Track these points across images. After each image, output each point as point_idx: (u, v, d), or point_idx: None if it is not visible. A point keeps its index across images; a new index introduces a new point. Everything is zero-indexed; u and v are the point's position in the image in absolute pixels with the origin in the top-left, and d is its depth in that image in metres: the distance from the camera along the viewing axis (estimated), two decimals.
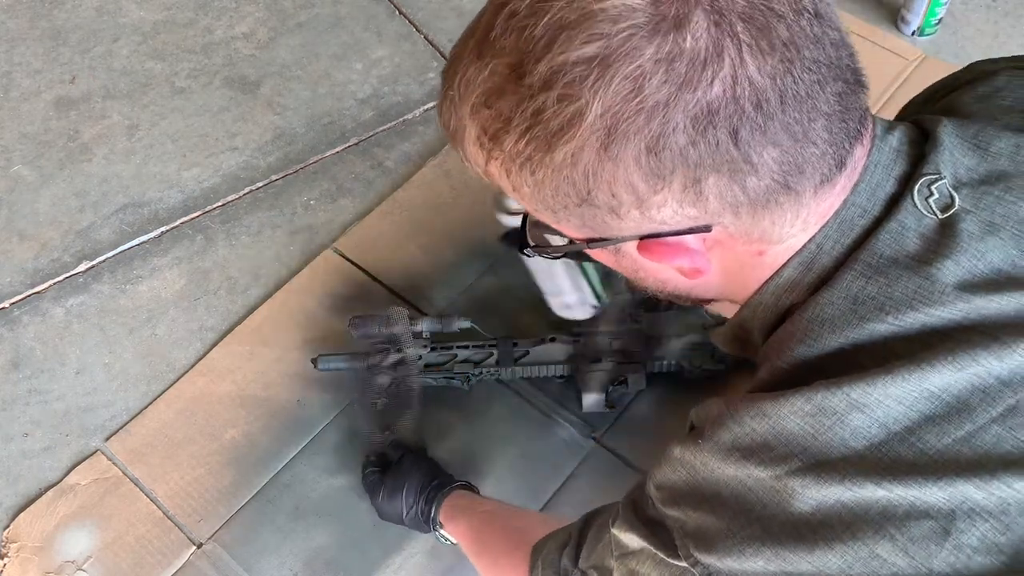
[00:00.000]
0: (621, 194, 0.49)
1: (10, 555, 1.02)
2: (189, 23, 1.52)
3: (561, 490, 1.03)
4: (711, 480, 0.53)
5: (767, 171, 0.48)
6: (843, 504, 0.48)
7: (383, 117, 1.40)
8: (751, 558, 0.50)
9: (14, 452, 1.10)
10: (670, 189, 0.48)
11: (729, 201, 0.49)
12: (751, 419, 0.51)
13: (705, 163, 0.47)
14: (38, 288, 1.24)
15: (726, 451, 0.52)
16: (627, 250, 0.55)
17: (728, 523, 0.51)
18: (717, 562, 0.51)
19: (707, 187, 0.48)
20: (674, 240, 0.52)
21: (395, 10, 1.53)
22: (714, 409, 0.54)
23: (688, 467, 0.54)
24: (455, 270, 1.21)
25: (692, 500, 0.54)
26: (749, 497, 0.51)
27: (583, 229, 0.54)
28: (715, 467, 0.52)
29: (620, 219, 0.51)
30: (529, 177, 0.50)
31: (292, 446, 1.08)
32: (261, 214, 1.30)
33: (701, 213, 0.50)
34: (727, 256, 0.55)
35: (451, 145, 0.56)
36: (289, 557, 1.01)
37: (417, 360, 1.06)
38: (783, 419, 0.50)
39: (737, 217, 0.50)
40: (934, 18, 1.42)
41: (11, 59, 1.48)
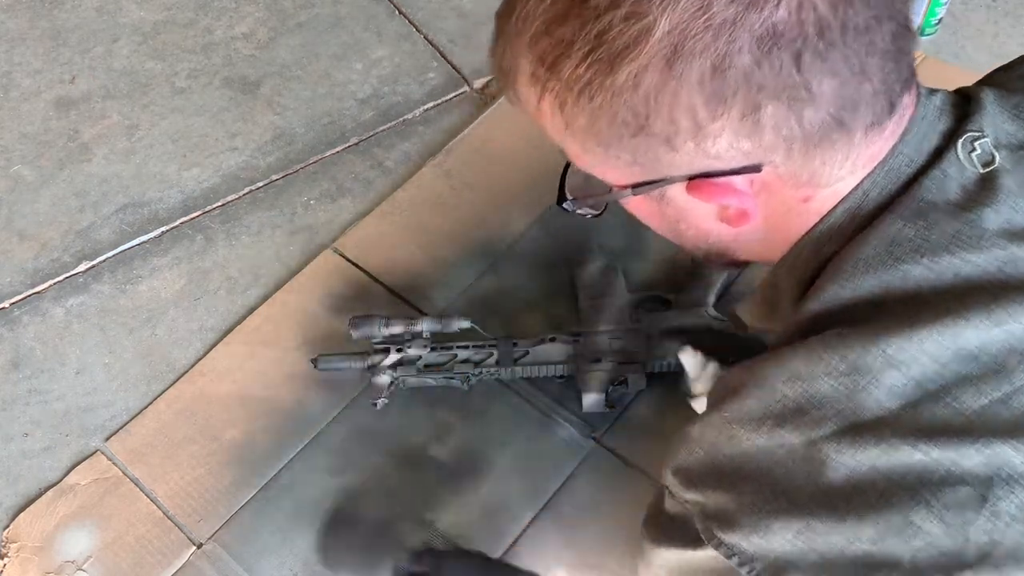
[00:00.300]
0: (680, 119, 0.48)
1: (10, 555, 1.02)
2: (189, 23, 1.52)
3: (561, 490, 1.03)
4: (733, 455, 0.51)
5: (824, 103, 0.48)
6: (877, 470, 0.47)
7: (383, 117, 1.40)
8: (778, 532, 0.48)
9: (14, 452, 1.10)
10: (729, 116, 0.48)
11: (784, 135, 0.48)
12: (783, 384, 0.50)
13: (767, 87, 0.47)
14: (38, 288, 1.24)
15: (756, 420, 0.50)
16: (672, 195, 0.54)
17: (752, 498, 0.50)
18: (742, 540, 0.50)
19: (765, 116, 0.48)
20: (723, 180, 0.52)
21: (395, 10, 1.53)
22: (735, 378, 0.52)
23: (708, 445, 0.53)
24: (455, 270, 1.21)
25: (711, 480, 0.52)
26: (775, 470, 0.49)
27: (632, 168, 0.53)
28: (742, 439, 0.51)
29: (674, 151, 0.50)
30: (587, 105, 0.50)
31: (292, 446, 1.08)
32: (261, 214, 1.30)
33: (755, 147, 0.49)
34: (773, 202, 0.54)
35: (502, 87, 0.57)
36: (289, 557, 1.01)
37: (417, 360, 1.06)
38: (817, 380, 0.49)
39: (789, 156, 0.50)
40: (934, 18, 1.42)
41: (11, 59, 1.48)
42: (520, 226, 1.24)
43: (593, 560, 0.98)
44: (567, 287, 1.17)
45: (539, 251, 1.22)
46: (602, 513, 1.01)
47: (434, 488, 1.04)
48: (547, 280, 1.19)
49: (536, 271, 1.20)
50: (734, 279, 1.16)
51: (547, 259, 1.21)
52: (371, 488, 1.04)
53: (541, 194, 1.27)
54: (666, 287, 1.14)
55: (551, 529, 1.00)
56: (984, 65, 1.35)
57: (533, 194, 1.27)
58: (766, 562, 0.49)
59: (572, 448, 1.06)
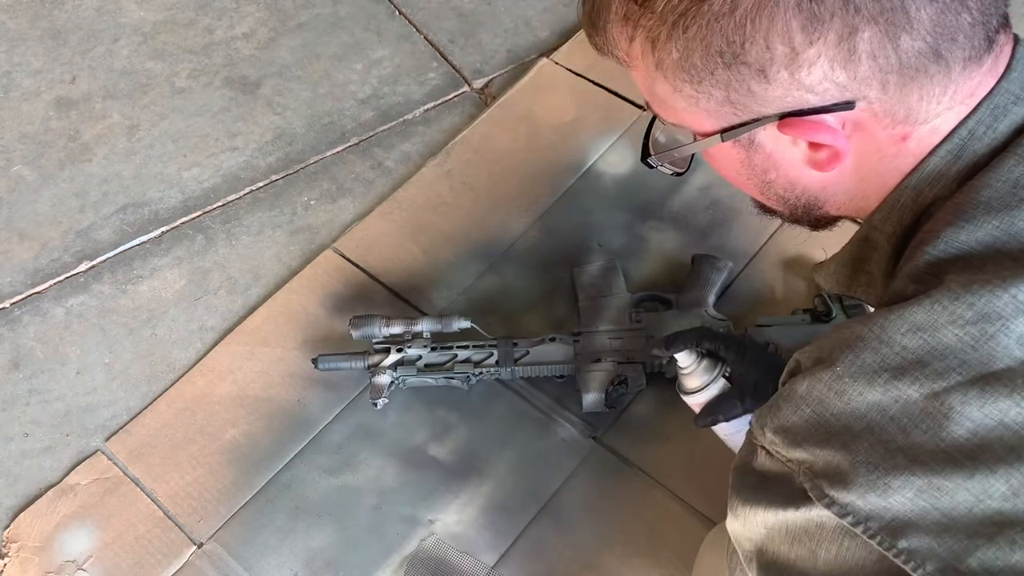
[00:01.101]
0: (776, 45, 0.47)
1: (10, 555, 1.02)
2: (189, 23, 1.52)
3: (561, 490, 1.03)
4: (843, 412, 0.48)
5: (922, 30, 0.46)
6: (1006, 424, 0.44)
7: (383, 117, 1.40)
8: (897, 491, 0.46)
9: (14, 452, 1.10)
10: (825, 41, 0.47)
11: (880, 64, 0.47)
12: (902, 336, 0.47)
13: (865, 9, 0.46)
14: (38, 288, 1.24)
15: (872, 373, 0.47)
16: (763, 140, 0.53)
17: (866, 456, 0.47)
18: (858, 500, 0.47)
19: (861, 42, 0.46)
20: (816, 118, 0.50)
21: (395, 10, 1.53)
22: (849, 332, 0.49)
23: (816, 402, 0.49)
24: (455, 270, 1.21)
25: (819, 437, 0.49)
26: (888, 427, 0.47)
27: (723, 109, 0.52)
28: (855, 395, 0.48)
29: (768, 83, 0.49)
30: (680, 36, 0.49)
31: (292, 446, 1.08)
32: (261, 214, 1.30)
33: (850, 79, 0.48)
34: (867, 143, 0.52)
35: (588, 34, 0.55)
36: (289, 557, 1.01)
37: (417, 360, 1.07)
38: (940, 330, 0.46)
39: (884, 90, 0.49)
40: None
41: (11, 59, 1.48)
42: (520, 226, 1.24)
43: (593, 560, 0.98)
44: (567, 287, 1.17)
45: (539, 251, 1.22)
46: (602, 513, 1.01)
47: (434, 488, 1.04)
48: (547, 280, 1.19)
49: (536, 271, 1.20)
50: (734, 279, 1.16)
51: (547, 259, 1.21)
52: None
53: (541, 194, 1.27)
54: (666, 287, 1.14)
55: (551, 529, 1.01)
56: None
57: (533, 194, 1.27)
58: (883, 521, 0.46)
59: (572, 448, 1.06)
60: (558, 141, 1.33)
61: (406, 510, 1.03)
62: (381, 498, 1.04)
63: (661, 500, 1.01)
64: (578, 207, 1.25)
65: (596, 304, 1.12)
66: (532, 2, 1.52)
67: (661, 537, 0.99)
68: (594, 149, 1.31)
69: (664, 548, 0.98)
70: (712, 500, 1.00)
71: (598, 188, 1.27)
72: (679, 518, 1.00)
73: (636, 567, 0.98)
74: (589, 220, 1.24)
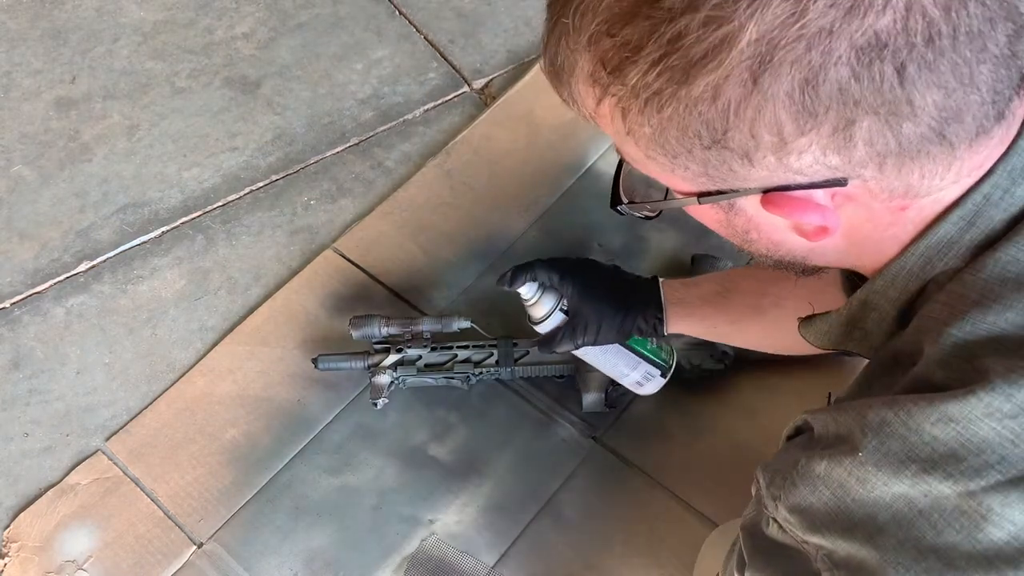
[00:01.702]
0: (762, 135, 0.44)
1: (11, 555, 1.02)
2: (189, 23, 1.52)
3: (561, 490, 1.03)
4: (866, 501, 0.45)
5: (926, 117, 0.42)
6: None
7: (383, 117, 1.40)
8: None
9: (14, 452, 1.10)
10: (818, 132, 0.43)
11: (878, 150, 0.44)
12: (932, 425, 0.43)
13: (864, 102, 0.42)
14: (38, 288, 1.24)
15: (898, 464, 0.44)
16: (743, 206, 0.50)
17: (895, 555, 0.44)
18: None
19: (859, 131, 0.43)
20: (802, 194, 0.46)
21: (395, 10, 1.53)
22: (873, 413, 0.46)
23: (836, 486, 0.46)
24: (455, 270, 1.21)
25: (840, 526, 0.46)
26: (917, 522, 0.43)
27: (700, 179, 0.48)
28: (879, 484, 0.45)
29: (751, 166, 0.46)
30: (654, 115, 0.45)
31: (292, 446, 1.08)
32: (261, 214, 1.30)
33: (844, 162, 0.44)
34: (859, 214, 0.48)
35: (553, 85, 0.51)
36: (289, 557, 1.01)
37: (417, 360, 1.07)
38: (975, 423, 0.42)
39: (881, 170, 0.45)
40: None
41: (11, 59, 1.48)
42: (520, 226, 1.24)
43: (593, 560, 0.98)
44: None
45: (539, 251, 1.22)
46: (602, 513, 1.01)
47: (434, 488, 1.04)
48: None
49: None
50: None
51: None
52: None
53: (541, 194, 1.27)
54: None
55: (551, 529, 1.01)
56: None
57: (533, 194, 1.27)
58: None
59: (572, 448, 1.06)
60: (558, 141, 1.33)
61: (406, 510, 1.03)
62: (381, 498, 1.04)
63: (661, 500, 1.01)
64: (578, 207, 1.25)
65: None
66: (532, 2, 1.52)
67: (661, 537, 0.99)
68: (594, 149, 1.31)
69: (664, 548, 0.98)
70: (712, 500, 1.00)
71: (598, 188, 1.27)
72: (679, 518, 1.00)
73: (636, 567, 0.98)
74: (589, 220, 1.24)
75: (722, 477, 1.01)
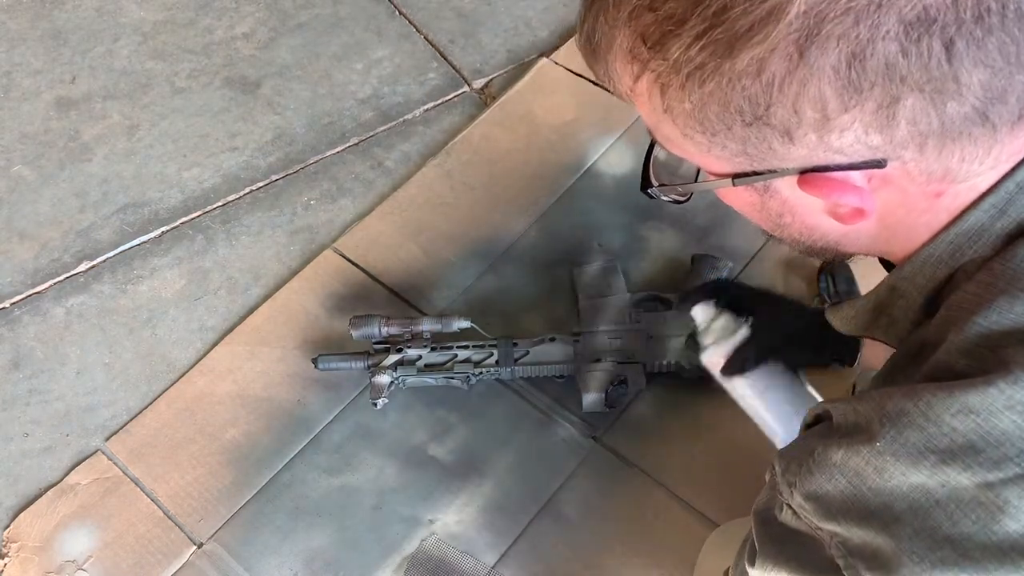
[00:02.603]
0: (805, 110, 0.43)
1: (10, 555, 1.02)
2: (189, 23, 1.52)
3: (561, 490, 1.03)
4: (883, 490, 0.45)
5: (971, 96, 0.42)
6: None
7: (383, 117, 1.40)
8: None
9: (14, 452, 1.10)
10: (862, 108, 0.43)
11: (920, 129, 0.43)
12: (951, 416, 0.43)
13: (911, 79, 0.41)
14: (38, 288, 1.24)
15: (916, 454, 0.44)
16: (779, 187, 0.49)
17: (910, 543, 0.44)
18: None
19: (903, 109, 0.42)
20: (840, 175, 0.46)
21: (395, 10, 1.53)
22: (891, 403, 0.45)
23: (852, 474, 0.46)
24: (455, 270, 1.21)
25: (856, 514, 0.46)
26: (933, 512, 0.43)
27: (737, 159, 0.48)
28: (896, 473, 0.45)
29: (791, 144, 0.45)
30: (695, 90, 0.45)
31: (292, 446, 1.08)
32: (261, 214, 1.30)
33: (885, 142, 0.44)
34: (894, 199, 0.48)
35: (588, 62, 0.50)
36: (289, 557, 1.01)
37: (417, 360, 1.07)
38: (995, 415, 0.42)
39: (922, 152, 0.44)
40: None
41: (11, 59, 1.48)
42: (520, 226, 1.24)
43: (593, 560, 0.98)
44: (567, 287, 1.17)
45: (539, 251, 1.22)
46: (602, 513, 1.01)
47: (434, 488, 1.04)
48: (547, 280, 1.19)
49: (536, 271, 1.20)
50: (734, 279, 1.16)
51: (547, 259, 1.21)
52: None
53: (541, 194, 1.27)
54: (666, 287, 1.14)
55: (551, 529, 1.01)
56: None
57: (533, 194, 1.27)
58: None
59: (572, 448, 1.06)
60: (558, 141, 1.33)
61: (406, 510, 1.03)
62: (381, 498, 1.04)
63: (661, 500, 1.01)
64: (578, 207, 1.25)
65: (596, 304, 1.12)
66: (532, 2, 1.52)
67: (661, 537, 0.99)
68: (594, 149, 1.31)
69: (664, 548, 0.98)
70: (712, 500, 1.00)
71: (598, 188, 1.27)
72: (679, 518, 1.00)
73: (636, 567, 0.98)
74: (589, 220, 1.24)
75: (722, 477, 1.01)
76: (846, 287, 1.10)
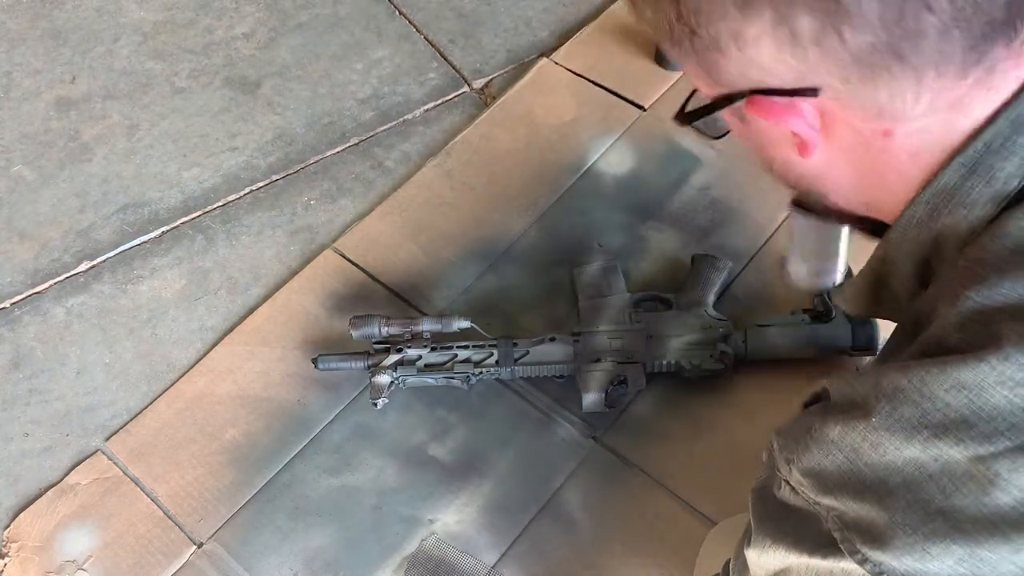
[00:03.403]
0: (717, 24, 0.46)
1: (11, 555, 1.02)
2: (189, 23, 1.52)
3: (561, 490, 1.03)
4: (878, 465, 0.46)
5: (867, 26, 0.43)
6: None
7: (383, 117, 1.40)
8: (938, 557, 0.44)
9: (14, 452, 1.10)
10: (761, 18, 0.45)
11: (831, 54, 0.44)
12: (945, 392, 0.44)
13: None
14: (38, 288, 1.24)
15: (911, 429, 0.45)
16: (748, 114, 0.51)
17: (903, 516, 0.45)
18: (893, 560, 0.45)
19: (801, 27, 0.44)
20: (784, 100, 0.48)
21: (395, 10, 1.53)
22: (887, 380, 0.46)
23: (849, 450, 0.47)
24: (455, 270, 1.21)
25: (852, 488, 0.47)
26: (926, 486, 0.44)
27: (712, 87, 0.52)
28: (891, 448, 0.45)
29: (723, 57, 0.48)
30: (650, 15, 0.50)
31: (292, 446, 1.08)
32: (261, 214, 1.30)
33: (802, 65, 0.46)
34: (847, 135, 0.49)
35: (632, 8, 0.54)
36: (289, 557, 1.01)
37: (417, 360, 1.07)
38: (987, 391, 0.43)
39: (846, 82, 0.46)
40: None
41: (11, 59, 1.48)
42: (520, 226, 1.24)
43: (593, 560, 0.98)
44: (567, 287, 1.17)
45: (539, 251, 1.22)
46: (602, 513, 1.01)
47: (434, 488, 1.04)
48: (547, 280, 1.19)
49: (536, 271, 1.20)
50: (734, 279, 1.16)
51: (547, 259, 1.21)
52: None
53: (541, 194, 1.27)
54: (666, 287, 1.14)
55: (551, 529, 1.01)
56: None
57: (533, 194, 1.27)
58: None
59: (572, 448, 1.06)
60: (558, 141, 1.33)
61: (406, 510, 1.03)
62: (381, 498, 1.04)
63: (661, 500, 1.01)
64: (578, 207, 1.25)
65: (596, 304, 1.12)
66: (532, 2, 1.52)
67: (661, 537, 0.99)
68: (594, 149, 1.31)
69: (664, 548, 0.98)
70: (712, 500, 1.00)
71: (598, 188, 1.27)
72: (679, 518, 1.00)
73: (636, 567, 0.98)
74: (589, 220, 1.24)
75: (722, 477, 1.01)
76: None
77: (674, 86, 1.37)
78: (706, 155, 1.28)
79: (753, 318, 1.09)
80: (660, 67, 1.38)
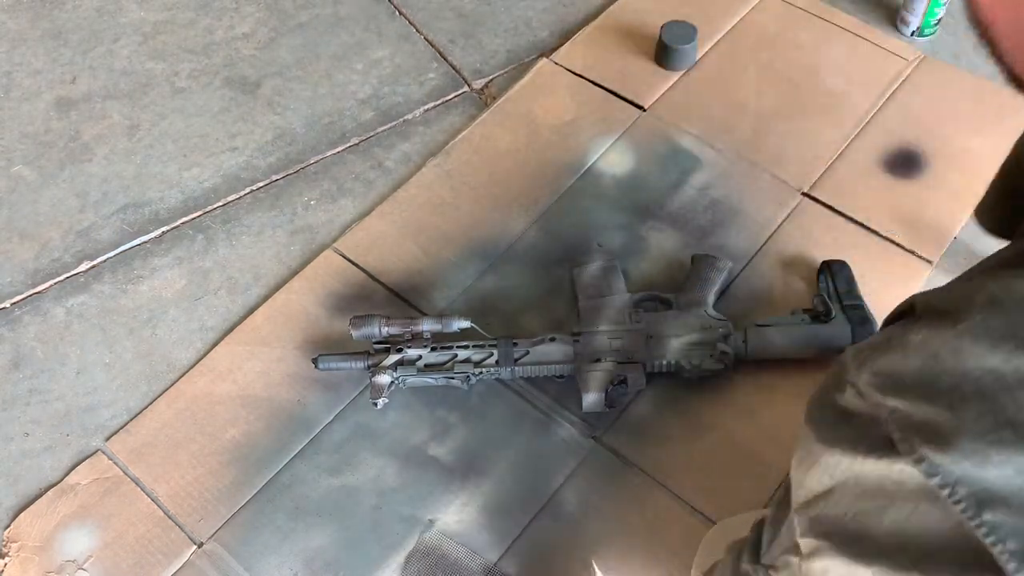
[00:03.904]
0: None
1: (11, 555, 1.02)
2: (189, 23, 1.52)
3: (561, 490, 1.03)
4: (956, 371, 0.45)
5: None
6: None
7: (383, 117, 1.40)
8: (998, 465, 0.43)
9: (14, 452, 1.10)
10: None
11: None
12: None
13: None
14: (39, 288, 1.24)
15: (997, 338, 0.44)
16: None
17: (972, 423, 0.44)
18: (951, 463, 0.44)
19: None
20: None
21: (395, 10, 1.53)
22: (980, 290, 0.46)
23: (929, 354, 0.46)
24: (455, 270, 1.21)
25: (924, 391, 0.46)
26: (1001, 397, 0.43)
27: None
28: (973, 356, 0.45)
29: None
30: None
31: (292, 446, 1.08)
32: (261, 214, 1.30)
33: None
34: None
35: None
36: (289, 557, 1.01)
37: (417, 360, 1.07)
38: None
39: None
40: (933, 19, 1.42)
41: (12, 59, 1.48)
42: (520, 226, 1.24)
43: (593, 560, 0.98)
44: (567, 287, 1.17)
45: (539, 251, 1.22)
46: (602, 513, 1.01)
47: (434, 488, 1.04)
48: (547, 280, 1.19)
49: (536, 271, 1.20)
50: (734, 279, 1.16)
51: (547, 259, 1.21)
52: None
53: (541, 194, 1.27)
54: (666, 287, 1.14)
55: (551, 529, 1.01)
56: (983, 66, 1.35)
57: (533, 194, 1.27)
58: (972, 489, 0.44)
59: (572, 448, 1.06)
60: (558, 141, 1.33)
61: (406, 510, 1.03)
62: (381, 498, 1.04)
63: (661, 500, 1.01)
64: (578, 207, 1.26)
65: (596, 304, 1.12)
66: (532, 2, 1.52)
67: (661, 537, 0.99)
68: (594, 149, 1.31)
69: (664, 548, 0.98)
70: (712, 500, 1.00)
71: (598, 188, 1.27)
72: (679, 518, 1.00)
73: (636, 567, 0.98)
74: (589, 220, 1.24)
75: (722, 477, 1.01)
76: (846, 287, 1.11)
77: (674, 86, 1.37)
78: (706, 155, 1.28)
79: (753, 318, 1.09)
80: (660, 67, 1.38)
